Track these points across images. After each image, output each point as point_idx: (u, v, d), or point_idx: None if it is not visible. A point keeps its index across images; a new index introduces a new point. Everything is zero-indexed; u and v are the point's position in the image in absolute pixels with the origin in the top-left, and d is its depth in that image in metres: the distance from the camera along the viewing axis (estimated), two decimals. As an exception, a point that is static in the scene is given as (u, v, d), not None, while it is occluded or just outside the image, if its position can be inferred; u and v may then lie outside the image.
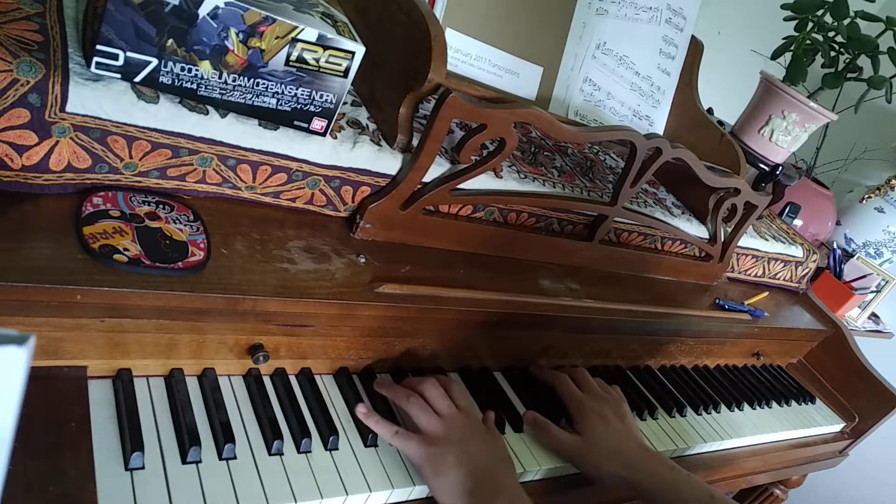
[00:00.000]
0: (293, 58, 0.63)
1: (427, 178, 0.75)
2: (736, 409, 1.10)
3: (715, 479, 1.02)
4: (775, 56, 1.27)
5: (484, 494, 0.64)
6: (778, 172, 1.23)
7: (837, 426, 1.28)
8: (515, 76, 0.92)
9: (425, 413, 0.68)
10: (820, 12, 1.20)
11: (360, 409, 0.68)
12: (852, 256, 1.83)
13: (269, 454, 0.63)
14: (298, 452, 0.64)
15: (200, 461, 0.58)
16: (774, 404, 1.19)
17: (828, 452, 1.26)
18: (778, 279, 1.32)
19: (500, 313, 0.80)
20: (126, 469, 0.55)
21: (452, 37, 0.85)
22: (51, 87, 0.54)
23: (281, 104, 0.65)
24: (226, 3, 0.57)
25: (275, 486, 0.60)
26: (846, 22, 1.19)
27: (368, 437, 0.69)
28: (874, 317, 1.91)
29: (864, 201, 1.88)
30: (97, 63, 0.57)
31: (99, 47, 0.56)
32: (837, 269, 1.77)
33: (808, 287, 1.40)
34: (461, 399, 0.72)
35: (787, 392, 1.25)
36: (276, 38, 0.61)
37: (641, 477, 0.77)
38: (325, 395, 0.71)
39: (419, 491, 0.68)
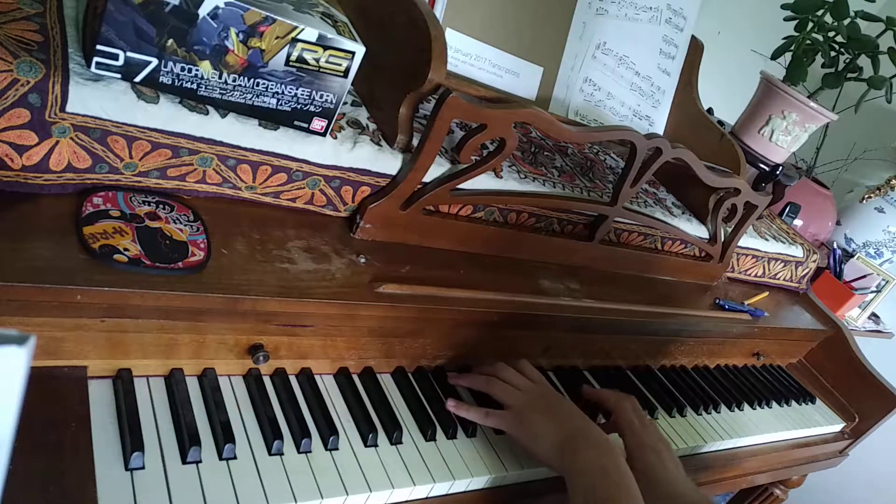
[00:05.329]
0: (293, 58, 0.63)
1: (427, 178, 0.75)
2: (736, 410, 1.10)
3: (715, 480, 1.02)
4: (775, 56, 1.28)
5: (576, 446, 0.70)
6: (778, 172, 1.23)
7: (837, 426, 1.28)
8: (515, 76, 0.92)
9: (507, 391, 0.72)
10: (820, 12, 1.21)
11: (451, 403, 0.71)
12: (852, 256, 1.83)
13: (270, 454, 0.63)
14: (298, 452, 0.64)
15: (200, 461, 0.58)
16: (774, 404, 1.19)
17: (828, 452, 1.26)
18: (778, 279, 1.32)
19: (500, 313, 0.80)
20: (126, 469, 0.55)
21: (452, 37, 0.85)
22: (51, 87, 0.54)
23: (281, 104, 0.65)
24: (226, 3, 0.57)
25: (275, 486, 0.60)
26: (846, 22, 1.19)
27: (368, 437, 0.69)
28: (874, 317, 1.90)
29: (864, 201, 1.88)
30: (97, 63, 0.57)
31: (99, 47, 0.56)
32: (837, 269, 1.77)
33: (808, 287, 1.40)
34: (533, 373, 0.76)
35: (788, 392, 1.25)
36: (276, 38, 0.61)
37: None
38: (325, 395, 0.71)
39: (420, 491, 0.68)
